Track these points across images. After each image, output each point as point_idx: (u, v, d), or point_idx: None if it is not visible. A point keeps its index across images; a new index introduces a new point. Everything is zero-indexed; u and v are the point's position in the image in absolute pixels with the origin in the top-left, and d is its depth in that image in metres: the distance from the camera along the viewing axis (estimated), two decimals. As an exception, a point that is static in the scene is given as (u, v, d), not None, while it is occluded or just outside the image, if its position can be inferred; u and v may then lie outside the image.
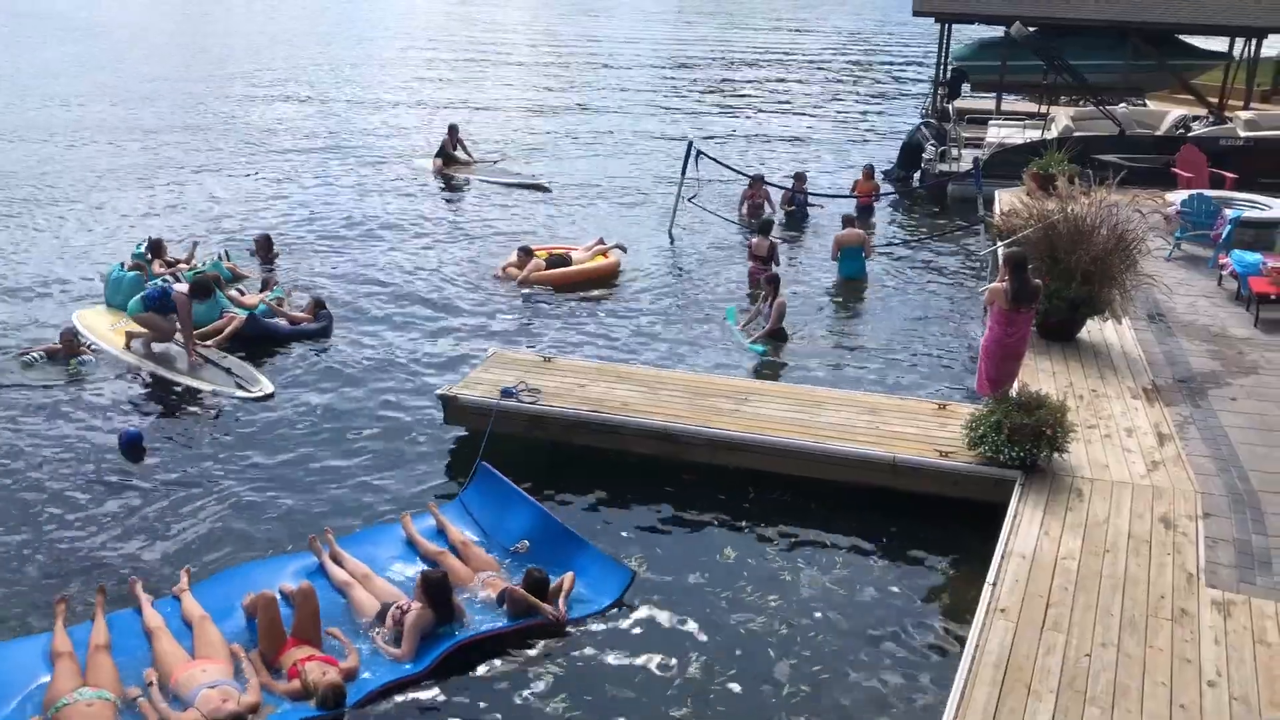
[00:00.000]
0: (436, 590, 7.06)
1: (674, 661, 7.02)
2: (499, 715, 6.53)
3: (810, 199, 19.39)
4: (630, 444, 9.47)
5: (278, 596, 7.13)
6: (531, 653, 7.07)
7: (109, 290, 13.62)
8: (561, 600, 7.41)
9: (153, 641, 6.92)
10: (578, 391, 9.92)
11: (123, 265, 13.81)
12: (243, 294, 13.70)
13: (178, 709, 6.26)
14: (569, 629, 7.28)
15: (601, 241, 15.96)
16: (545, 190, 21.26)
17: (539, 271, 14.87)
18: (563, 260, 15.23)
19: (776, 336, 12.97)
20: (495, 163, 23.10)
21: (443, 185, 21.76)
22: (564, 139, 27.58)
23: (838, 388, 11.02)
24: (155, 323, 11.95)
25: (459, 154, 22.75)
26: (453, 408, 9.93)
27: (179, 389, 11.37)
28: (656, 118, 31.53)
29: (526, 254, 15.10)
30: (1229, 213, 14.59)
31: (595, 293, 14.75)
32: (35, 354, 11.73)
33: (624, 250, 15.82)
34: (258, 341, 12.55)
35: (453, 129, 23.13)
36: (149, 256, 14.28)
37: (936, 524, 8.51)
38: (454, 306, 14.18)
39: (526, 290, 14.64)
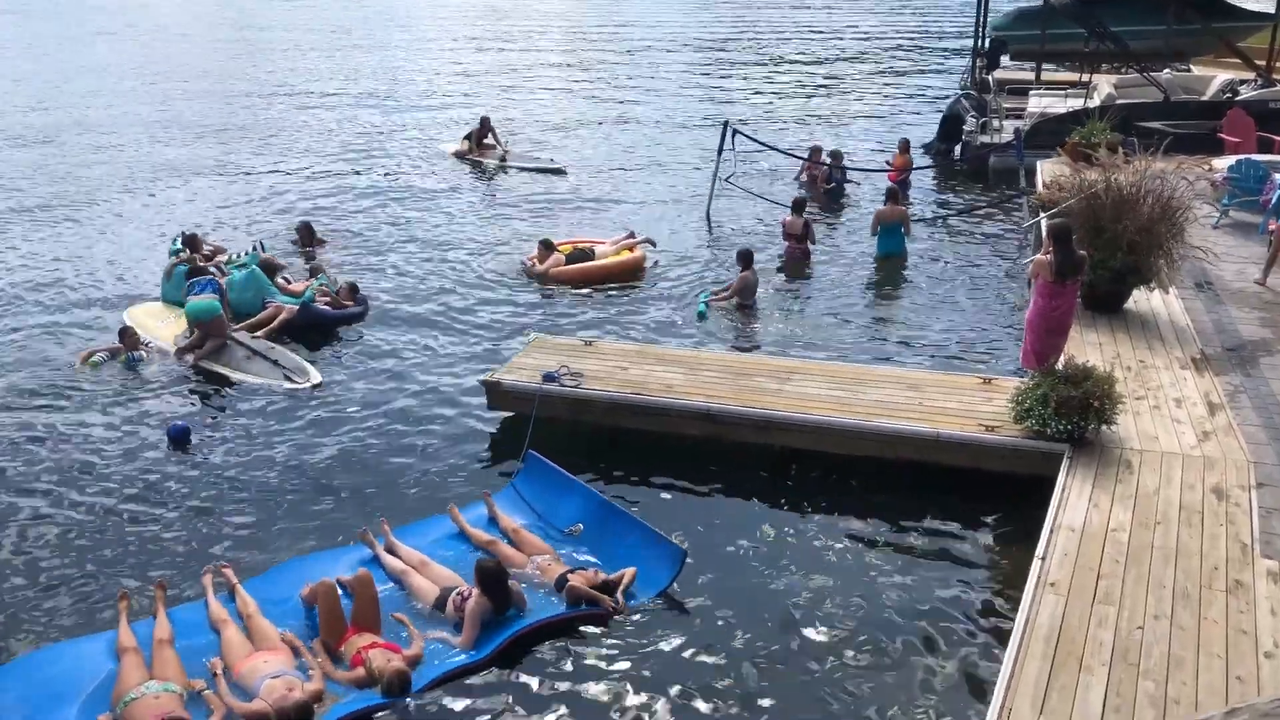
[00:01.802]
0: (492, 579, 7.10)
1: (720, 639, 7.04)
2: (554, 697, 6.58)
3: (847, 176, 19.28)
4: (673, 425, 9.47)
5: (335, 583, 7.21)
6: (585, 635, 7.11)
7: (169, 287, 13.53)
8: (620, 592, 7.41)
9: (221, 632, 7.02)
10: (619, 374, 9.94)
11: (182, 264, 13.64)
12: (289, 282, 13.83)
13: (242, 700, 6.35)
14: (623, 611, 7.30)
15: (632, 235, 15.55)
16: (561, 173, 21.33)
17: (558, 267, 14.49)
18: (586, 254, 14.84)
19: (741, 309, 13.22)
20: (508, 151, 22.95)
21: (471, 172, 21.86)
22: (596, 124, 27.56)
23: (880, 365, 10.97)
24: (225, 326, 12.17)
25: (488, 141, 22.81)
26: (496, 393, 9.99)
27: (229, 383, 11.50)
28: (690, 99, 31.41)
29: (548, 248, 14.69)
30: (1279, 177, 14.27)
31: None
32: (100, 354, 11.86)
33: (653, 244, 15.47)
34: (305, 329, 12.67)
35: (485, 121, 23.20)
36: (186, 251, 14.31)
37: (983, 499, 8.45)
38: (489, 293, 14.23)
39: (548, 286, 14.28)
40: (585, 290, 14.16)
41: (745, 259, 13.62)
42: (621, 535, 8.03)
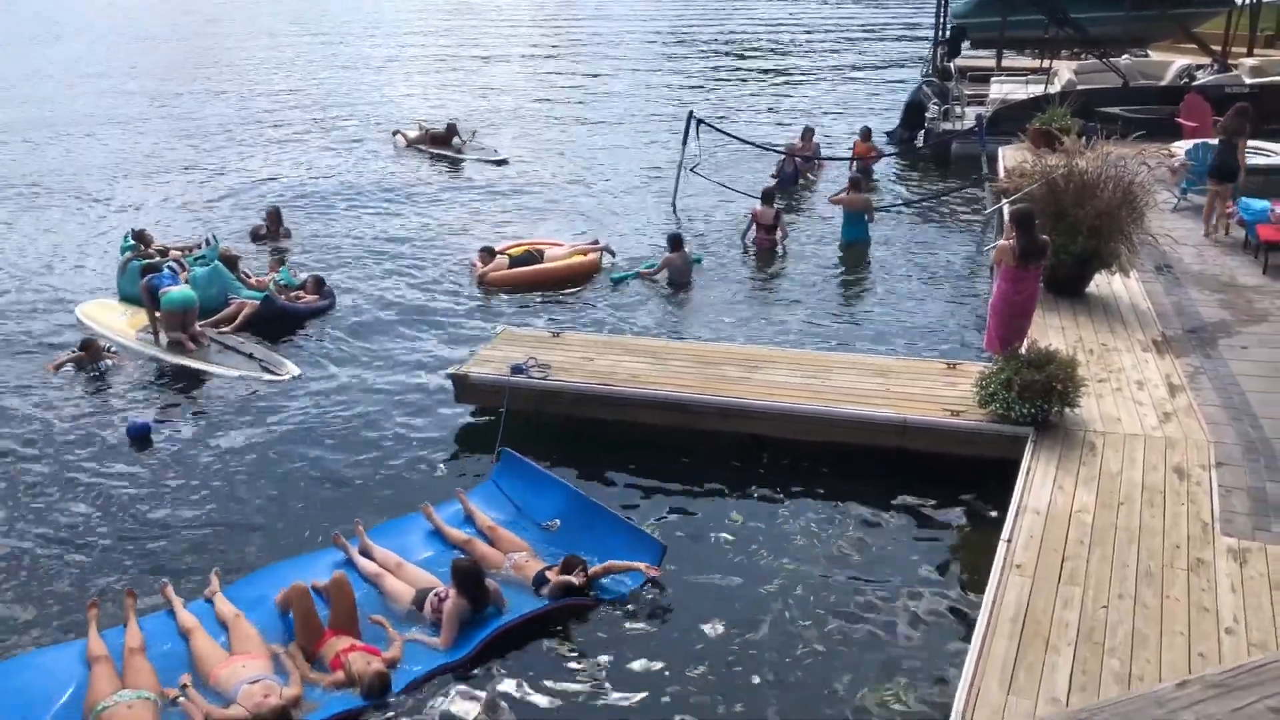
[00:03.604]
0: (468, 579, 7.05)
1: (693, 627, 7.06)
2: (534, 693, 6.56)
3: (798, 168, 19.29)
4: (642, 415, 9.47)
5: (309, 588, 7.11)
6: (564, 630, 7.10)
7: (124, 282, 13.29)
8: (623, 570, 7.45)
9: (190, 641, 6.90)
10: (587, 365, 9.93)
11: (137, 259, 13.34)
12: (249, 276, 13.64)
13: (220, 706, 6.26)
14: (599, 603, 7.29)
15: (596, 243, 15.05)
16: (504, 163, 21.46)
17: (498, 272, 14.00)
18: (534, 257, 14.25)
19: (674, 286, 13.71)
20: (464, 141, 23.00)
21: (428, 166, 21.81)
22: (560, 117, 27.51)
23: (846, 352, 11.02)
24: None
25: (446, 141, 22.74)
26: (464, 386, 9.94)
27: (198, 380, 11.33)
28: (653, 90, 31.38)
29: (489, 254, 14.25)
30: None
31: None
32: (68, 365, 11.47)
33: (612, 254, 14.85)
34: (270, 324, 12.52)
35: (451, 127, 23.11)
36: (140, 247, 13.95)
37: (949, 483, 8.52)
38: (454, 286, 14.17)
39: (492, 291, 13.87)
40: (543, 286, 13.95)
41: (673, 242, 13.98)
42: (600, 531, 7.96)
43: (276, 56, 40.71)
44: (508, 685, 6.63)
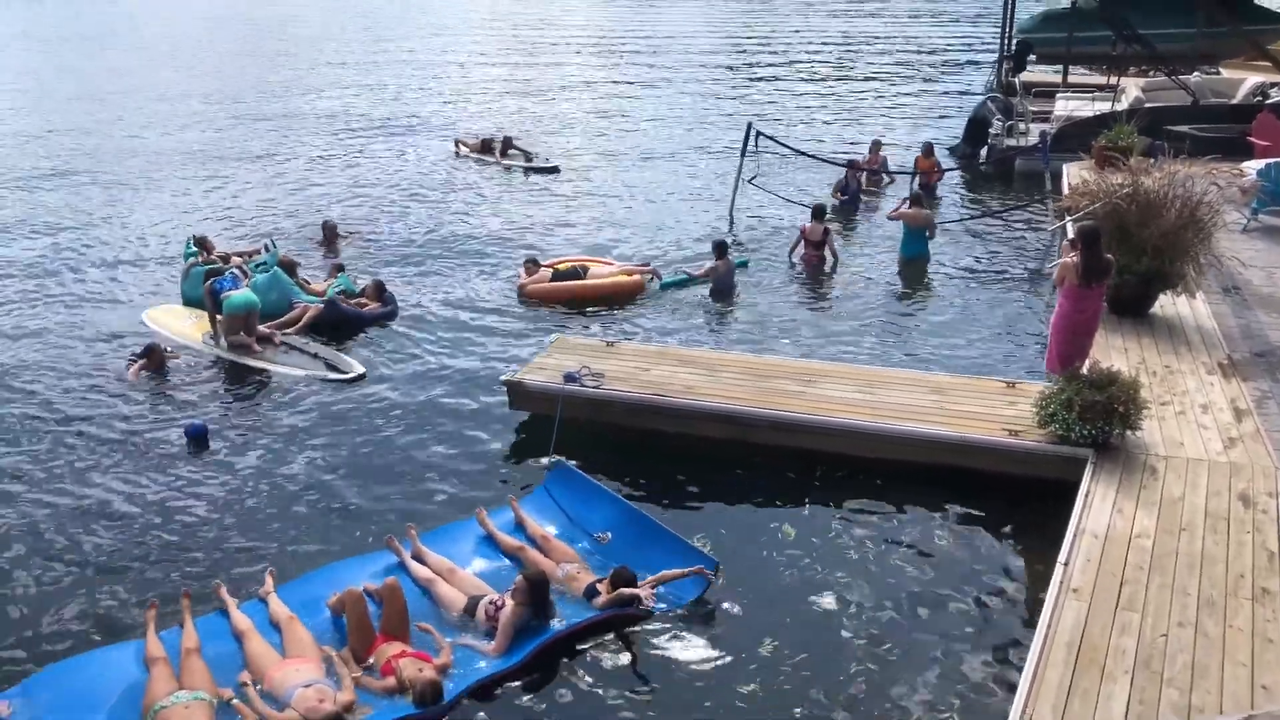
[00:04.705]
0: (539, 590, 7.08)
1: (745, 643, 7.04)
2: (584, 702, 6.59)
3: (864, 188, 19.13)
4: (696, 427, 9.47)
5: (363, 591, 7.20)
6: (614, 641, 7.11)
7: (187, 286, 13.58)
8: (675, 579, 7.45)
9: (243, 643, 6.98)
10: (640, 375, 9.95)
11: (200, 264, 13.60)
12: (307, 282, 13.86)
13: (273, 709, 6.33)
14: (649, 616, 7.28)
15: (645, 265, 14.86)
16: (555, 171, 21.58)
17: (538, 285, 14.02)
18: (576, 273, 14.18)
19: (716, 294, 13.85)
20: (517, 148, 23.26)
21: (482, 174, 21.96)
22: (620, 127, 27.60)
23: (904, 368, 10.93)
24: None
25: (503, 153, 22.99)
26: (518, 393, 10.01)
27: (259, 383, 11.53)
28: (713, 102, 31.38)
29: (534, 265, 14.34)
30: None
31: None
32: (137, 373, 11.52)
33: (659, 278, 14.57)
34: (331, 328, 12.72)
35: (508, 140, 23.37)
36: (201, 253, 14.16)
37: (1006, 503, 8.41)
38: (509, 294, 14.23)
39: (534, 303, 13.88)
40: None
41: (718, 249, 14.12)
42: (651, 545, 7.94)
43: (336, 70, 41.36)
44: (556, 695, 6.65)
